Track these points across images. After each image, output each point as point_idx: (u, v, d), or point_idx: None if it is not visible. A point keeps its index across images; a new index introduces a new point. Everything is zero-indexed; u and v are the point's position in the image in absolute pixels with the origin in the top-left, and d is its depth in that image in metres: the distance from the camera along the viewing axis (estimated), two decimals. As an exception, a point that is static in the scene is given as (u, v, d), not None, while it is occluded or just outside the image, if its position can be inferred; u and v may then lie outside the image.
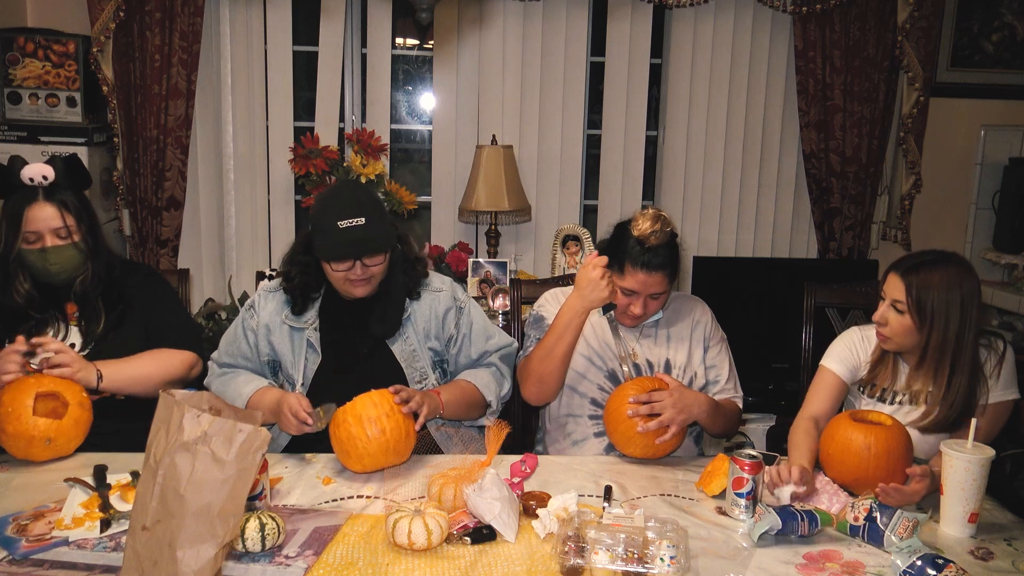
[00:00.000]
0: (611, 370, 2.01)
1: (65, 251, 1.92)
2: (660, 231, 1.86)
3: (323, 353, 1.97)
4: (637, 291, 1.90)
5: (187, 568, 1.14)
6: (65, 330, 1.97)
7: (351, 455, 1.70)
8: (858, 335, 1.96)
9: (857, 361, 1.93)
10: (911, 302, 1.76)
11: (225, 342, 2.05)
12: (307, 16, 3.33)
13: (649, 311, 1.96)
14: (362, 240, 1.84)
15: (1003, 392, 1.81)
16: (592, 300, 1.91)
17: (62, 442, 1.76)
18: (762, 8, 3.38)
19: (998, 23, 3.53)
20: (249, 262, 3.43)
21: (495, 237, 3.35)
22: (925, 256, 1.81)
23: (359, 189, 1.98)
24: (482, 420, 2.02)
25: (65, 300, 1.99)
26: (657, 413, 1.80)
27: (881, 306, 1.83)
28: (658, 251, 1.87)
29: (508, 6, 3.33)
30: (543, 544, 1.46)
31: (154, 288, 2.11)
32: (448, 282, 2.09)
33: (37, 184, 1.90)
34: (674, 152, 3.52)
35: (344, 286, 1.93)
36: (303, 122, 3.42)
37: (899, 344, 1.83)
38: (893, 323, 1.80)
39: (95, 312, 1.98)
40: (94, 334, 1.97)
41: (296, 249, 2.00)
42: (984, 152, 3.62)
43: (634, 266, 1.88)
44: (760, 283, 3.36)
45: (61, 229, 1.91)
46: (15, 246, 1.90)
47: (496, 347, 2.07)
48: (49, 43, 2.97)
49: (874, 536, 1.48)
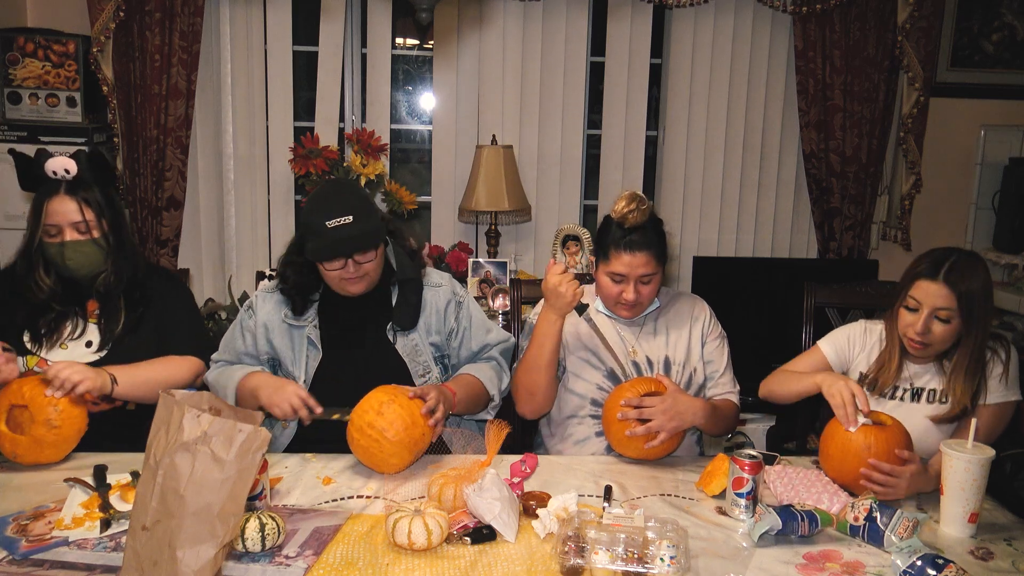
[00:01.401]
0: (610, 369, 2.01)
1: (83, 247, 1.91)
2: (636, 209, 1.86)
3: (324, 350, 1.97)
4: (625, 274, 1.90)
5: (187, 568, 1.14)
6: (83, 326, 1.96)
7: (378, 458, 1.71)
8: (861, 328, 1.97)
9: (851, 355, 1.97)
10: (962, 309, 1.72)
11: (224, 342, 2.06)
12: (307, 16, 3.33)
13: (643, 297, 1.94)
14: (351, 238, 1.84)
15: (1007, 393, 1.81)
16: (559, 307, 1.90)
17: (26, 457, 1.73)
18: (762, 8, 3.38)
19: (998, 23, 3.53)
20: (249, 262, 3.43)
21: (495, 237, 3.35)
22: (950, 257, 1.76)
23: (346, 188, 1.98)
24: (482, 414, 2.03)
25: (87, 297, 1.98)
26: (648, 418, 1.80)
27: (916, 317, 1.78)
28: (639, 231, 1.88)
29: (508, 6, 3.33)
30: (543, 544, 1.46)
31: (171, 291, 2.10)
32: (447, 277, 2.11)
33: (60, 178, 1.90)
34: (674, 152, 3.52)
35: (339, 284, 1.93)
36: (303, 122, 3.42)
37: (938, 351, 1.81)
38: (937, 333, 1.76)
39: (115, 311, 1.97)
40: (112, 334, 1.96)
41: (290, 251, 2.01)
42: (984, 152, 3.62)
43: (617, 249, 1.88)
44: (760, 283, 3.36)
45: (80, 224, 1.90)
46: (37, 238, 1.91)
47: (496, 340, 2.09)
48: (49, 43, 2.97)
49: (874, 536, 1.48)
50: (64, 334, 1.94)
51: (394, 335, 1.99)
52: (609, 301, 1.97)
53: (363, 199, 1.93)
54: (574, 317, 1.99)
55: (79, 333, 1.95)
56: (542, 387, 1.98)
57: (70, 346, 1.94)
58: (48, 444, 1.73)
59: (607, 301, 1.99)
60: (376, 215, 1.94)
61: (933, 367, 1.88)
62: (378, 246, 1.92)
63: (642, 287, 1.93)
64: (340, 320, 2.00)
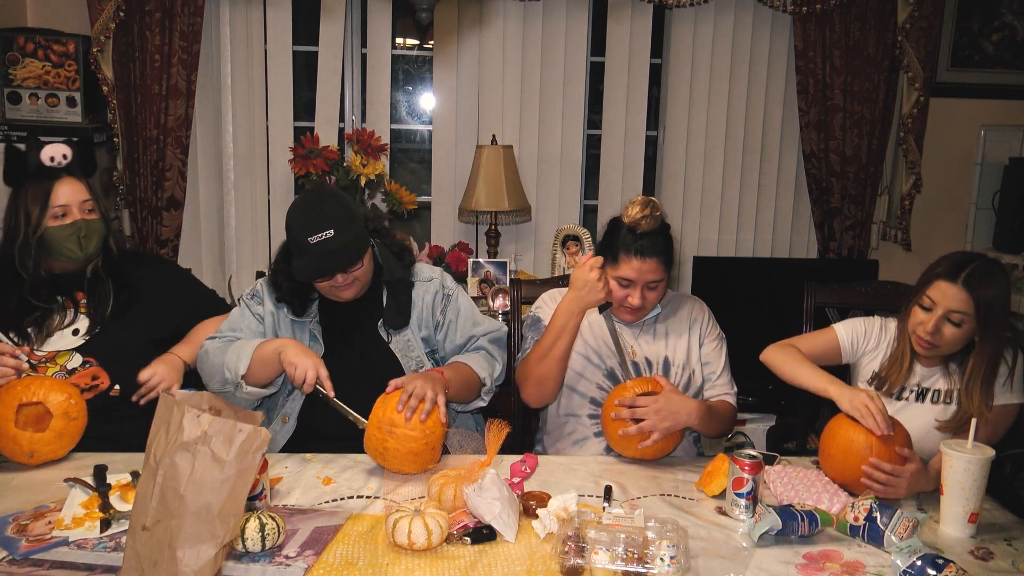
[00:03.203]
0: (610, 369, 2.01)
1: (93, 224, 1.97)
2: (650, 215, 1.86)
3: (326, 344, 1.98)
4: (633, 279, 1.90)
5: (187, 568, 1.14)
6: (74, 316, 1.97)
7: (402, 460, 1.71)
8: (879, 325, 1.97)
9: (862, 346, 1.96)
10: (980, 315, 1.72)
11: (228, 323, 2.03)
12: (307, 16, 3.33)
13: (648, 303, 1.95)
14: (334, 252, 1.83)
15: (1011, 396, 1.82)
16: (588, 301, 1.90)
17: (45, 453, 1.74)
18: (762, 8, 3.37)
19: (998, 23, 3.53)
20: (249, 262, 3.43)
21: (495, 237, 3.35)
22: (973, 261, 1.75)
23: (324, 199, 1.91)
24: (476, 401, 2.01)
25: (74, 288, 1.99)
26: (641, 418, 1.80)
27: (928, 316, 1.77)
28: (650, 237, 1.88)
29: (508, 6, 3.33)
30: (543, 544, 1.46)
31: (166, 274, 2.18)
32: (438, 271, 2.11)
33: (57, 164, 1.94)
34: (674, 152, 3.52)
35: (330, 293, 1.94)
36: (303, 122, 3.42)
37: (944, 353, 1.81)
38: (948, 335, 1.76)
39: (105, 294, 2.00)
40: (102, 316, 1.98)
41: (278, 259, 2.01)
42: (984, 152, 3.61)
43: (627, 253, 1.88)
44: (760, 283, 3.36)
45: (88, 202, 1.97)
46: (42, 224, 1.92)
47: (483, 332, 2.07)
48: (49, 43, 2.97)
49: (874, 536, 1.48)
50: (53, 328, 1.95)
51: (387, 332, 2.00)
52: (615, 303, 1.97)
53: (343, 208, 1.88)
54: (596, 317, 2.01)
55: (69, 323, 1.97)
56: (553, 376, 1.97)
57: (56, 335, 1.95)
58: (68, 436, 1.77)
59: (613, 302, 1.99)
60: (358, 222, 1.90)
61: (939, 368, 1.88)
62: (363, 256, 1.90)
63: (648, 292, 1.93)
64: (334, 318, 2.01)
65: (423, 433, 1.69)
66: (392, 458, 1.71)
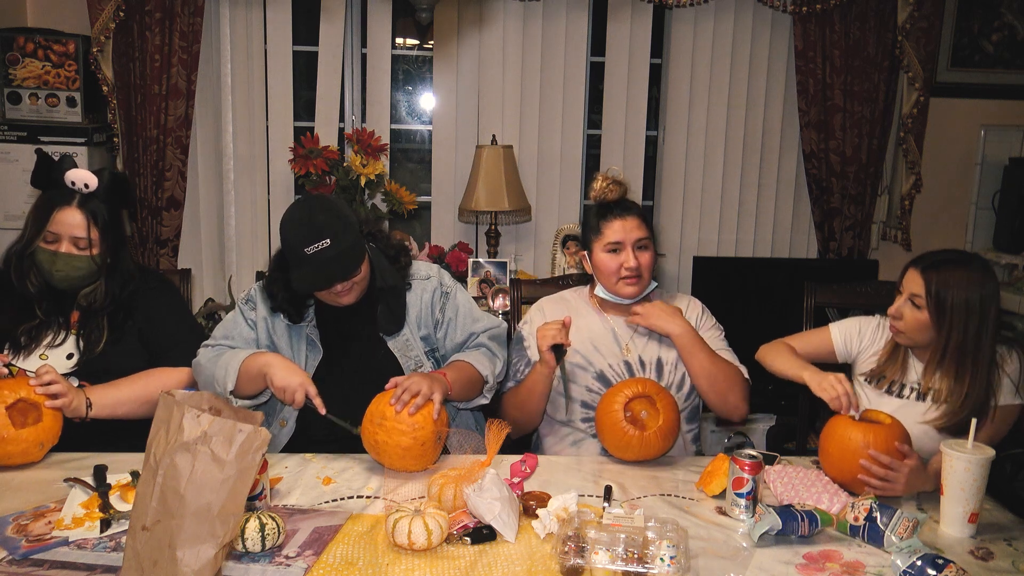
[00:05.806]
0: (599, 371, 2.01)
1: (75, 261, 1.91)
2: (612, 182, 1.96)
3: (324, 348, 1.97)
4: (621, 240, 1.94)
5: (187, 568, 1.14)
6: (64, 336, 1.95)
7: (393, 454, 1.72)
8: (875, 323, 2.02)
9: (856, 345, 2.01)
10: (930, 299, 1.78)
11: (222, 328, 2.01)
12: (307, 16, 3.33)
13: (643, 266, 1.96)
14: (331, 261, 1.80)
15: (1013, 396, 1.82)
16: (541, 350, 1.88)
17: (51, 437, 1.76)
18: (762, 8, 3.38)
19: (998, 23, 3.53)
20: (249, 262, 3.43)
21: (495, 237, 3.35)
22: (947, 255, 1.83)
23: (316, 208, 1.84)
24: (479, 399, 2.00)
25: (71, 308, 1.97)
26: None
27: (898, 300, 1.86)
28: (621, 203, 1.97)
29: (508, 6, 3.33)
30: (543, 544, 1.46)
31: (162, 299, 2.07)
32: (436, 269, 2.10)
33: (76, 189, 1.90)
34: (674, 152, 3.52)
35: (329, 298, 1.93)
36: (303, 122, 3.42)
37: (912, 339, 1.86)
38: (908, 318, 1.83)
39: (98, 329, 1.96)
40: (92, 351, 1.94)
41: (272, 267, 1.98)
42: (984, 152, 3.62)
43: (607, 219, 1.96)
44: (760, 283, 3.36)
45: (82, 240, 1.90)
46: (35, 241, 1.90)
47: (483, 328, 2.06)
48: (49, 43, 2.98)
49: (874, 536, 1.48)
50: (44, 342, 1.93)
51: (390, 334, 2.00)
52: (612, 278, 1.97)
53: (335, 216, 1.83)
54: (587, 319, 2.02)
55: (59, 342, 1.94)
56: (534, 413, 2.01)
57: (50, 355, 1.93)
58: (59, 416, 1.78)
59: (609, 279, 1.98)
60: (352, 228, 1.86)
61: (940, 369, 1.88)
62: (361, 263, 1.88)
63: (640, 253, 1.96)
64: (333, 321, 2.00)
65: (411, 427, 1.69)
66: (384, 452, 1.71)
